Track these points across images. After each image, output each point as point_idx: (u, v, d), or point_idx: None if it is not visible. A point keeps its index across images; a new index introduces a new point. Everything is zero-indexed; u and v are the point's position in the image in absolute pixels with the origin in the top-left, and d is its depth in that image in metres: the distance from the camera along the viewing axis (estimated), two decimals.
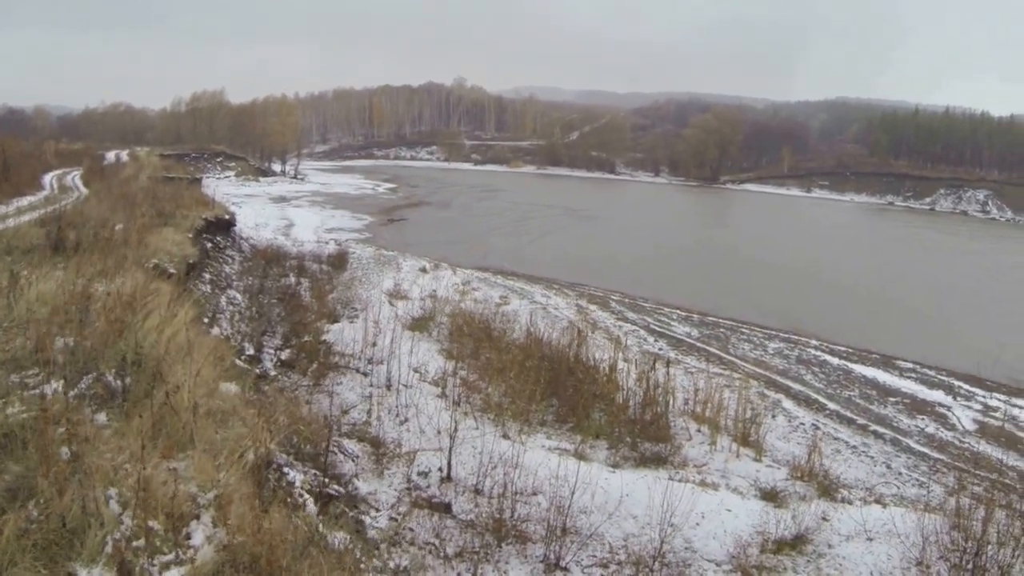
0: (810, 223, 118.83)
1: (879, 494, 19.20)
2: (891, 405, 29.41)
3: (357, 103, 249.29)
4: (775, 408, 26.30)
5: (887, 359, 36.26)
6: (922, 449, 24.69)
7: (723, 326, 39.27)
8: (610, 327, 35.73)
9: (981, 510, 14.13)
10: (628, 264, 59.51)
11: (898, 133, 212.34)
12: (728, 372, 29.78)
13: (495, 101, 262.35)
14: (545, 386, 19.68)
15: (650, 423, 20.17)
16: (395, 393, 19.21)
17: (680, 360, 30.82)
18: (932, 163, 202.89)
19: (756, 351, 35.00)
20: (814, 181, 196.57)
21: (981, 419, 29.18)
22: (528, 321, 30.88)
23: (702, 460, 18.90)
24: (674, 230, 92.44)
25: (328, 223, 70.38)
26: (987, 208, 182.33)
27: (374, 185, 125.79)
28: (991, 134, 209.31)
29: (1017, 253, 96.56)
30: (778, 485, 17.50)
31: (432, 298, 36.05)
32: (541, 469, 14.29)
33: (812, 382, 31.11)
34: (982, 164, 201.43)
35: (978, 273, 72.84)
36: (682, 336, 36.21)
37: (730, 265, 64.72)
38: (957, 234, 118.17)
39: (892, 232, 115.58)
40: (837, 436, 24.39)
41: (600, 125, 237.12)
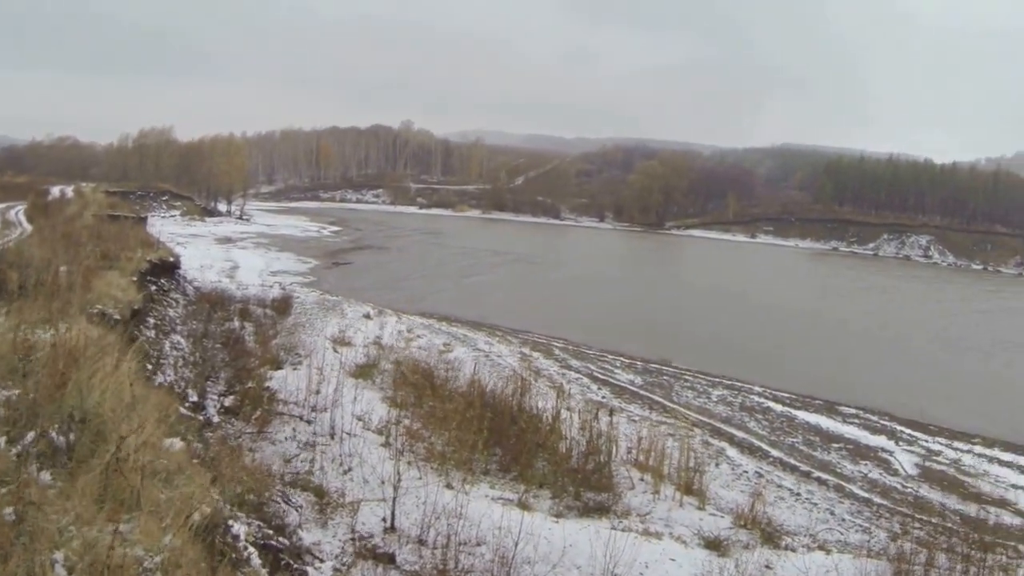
0: (753, 268, 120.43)
1: (823, 540, 19.31)
2: (834, 451, 29.71)
3: (304, 144, 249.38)
4: (719, 456, 26.48)
5: (830, 405, 36.72)
6: (865, 495, 24.94)
7: (667, 373, 39.45)
8: (553, 375, 35.90)
9: (923, 554, 14.34)
10: (571, 310, 59.83)
11: (843, 180, 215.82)
12: (672, 420, 29.95)
13: (442, 145, 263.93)
14: (488, 435, 19.64)
15: (593, 472, 20.19)
16: (339, 442, 19.16)
17: (623, 408, 30.96)
18: (876, 209, 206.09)
19: (700, 398, 35.22)
20: (759, 227, 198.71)
21: (923, 463, 29.62)
22: (471, 369, 30.88)
23: (645, 509, 18.89)
24: (618, 276, 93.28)
25: (273, 266, 70.12)
26: (929, 253, 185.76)
27: (319, 227, 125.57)
28: (934, 181, 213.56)
29: (945, 296, 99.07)
30: (722, 533, 17.51)
31: (376, 345, 36.02)
32: (485, 519, 14.22)
33: (756, 429, 31.33)
34: (925, 210, 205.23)
35: (917, 317, 74.29)
36: (625, 384, 36.35)
37: (673, 311, 65.20)
38: (897, 278, 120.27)
39: (833, 277, 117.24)
40: (781, 483, 24.58)
41: (546, 170, 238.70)
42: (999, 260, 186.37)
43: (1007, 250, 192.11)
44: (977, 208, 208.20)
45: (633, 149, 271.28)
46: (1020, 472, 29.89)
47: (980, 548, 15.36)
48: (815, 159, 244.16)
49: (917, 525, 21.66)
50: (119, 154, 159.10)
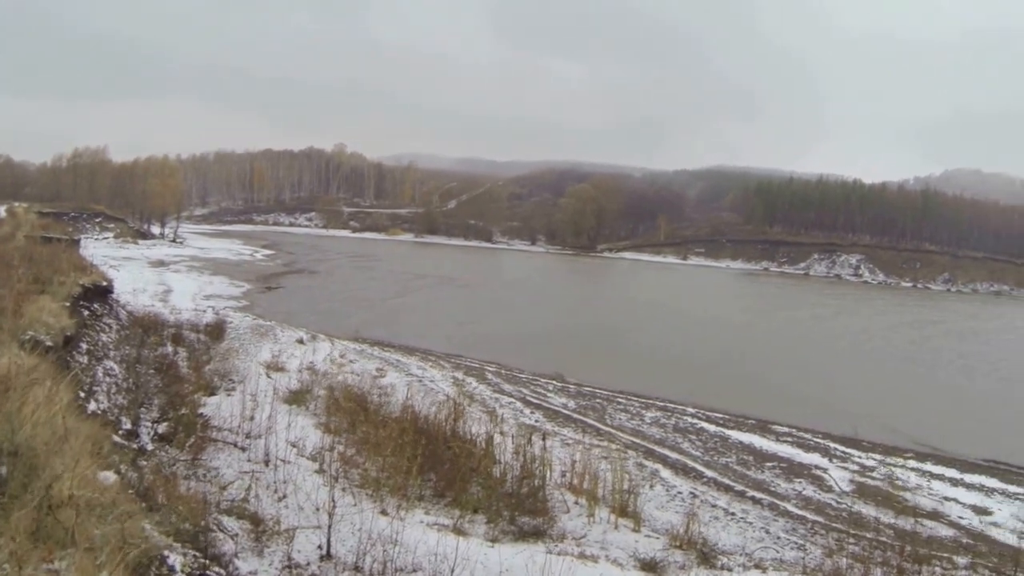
0: (685, 290, 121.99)
1: (758, 559, 19.41)
2: (768, 470, 29.90)
3: (238, 167, 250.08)
4: (653, 478, 26.51)
5: (763, 424, 37.05)
6: (800, 512, 25.09)
7: (600, 396, 39.52)
8: (487, 399, 35.79)
9: (859, 569, 14.54)
10: (504, 334, 60.04)
11: (773, 200, 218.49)
12: (605, 443, 29.92)
13: (375, 168, 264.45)
14: (422, 461, 19.63)
15: (527, 496, 20.20)
16: (273, 469, 19.05)
17: (557, 432, 30.91)
18: (806, 229, 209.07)
19: (633, 421, 35.30)
20: (691, 249, 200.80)
21: (858, 479, 29.87)
22: (404, 394, 30.81)
23: (580, 532, 18.95)
24: (550, 299, 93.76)
25: (206, 289, 69.68)
26: (860, 272, 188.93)
27: (253, 251, 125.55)
28: (863, 201, 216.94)
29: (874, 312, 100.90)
30: (657, 555, 17.65)
31: (310, 370, 35.79)
32: (421, 545, 14.26)
33: (689, 450, 31.43)
34: (855, 229, 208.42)
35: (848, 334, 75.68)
36: (559, 407, 36.34)
37: (605, 333, 65.48)
38: (827, 296, 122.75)
39: (761, 296, 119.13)
40: (715, 503, 24.64)
41: (478, 193, 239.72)
42: (928, 277, 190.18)
43: (936, 267, 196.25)
44: (906, 227, 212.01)
45: (565, 172, 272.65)
46: (953, 484, 30.43)
47: (915, 561, 15.64)
48: (745, 181, 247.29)
49: (852, 540, 21.86)
50: (53, 174, 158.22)
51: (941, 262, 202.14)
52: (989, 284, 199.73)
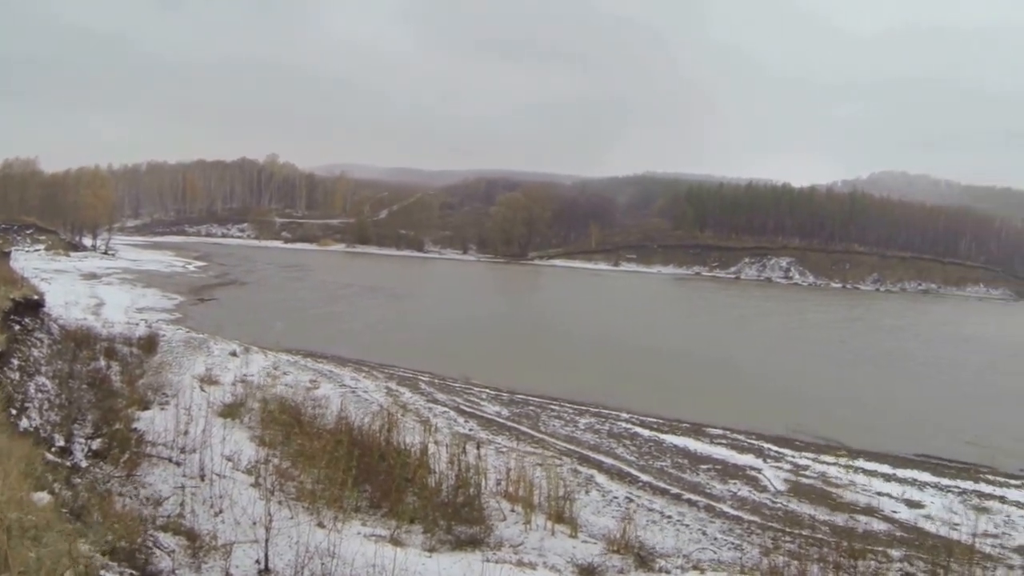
0: (615, 295, 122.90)
1: (696, 560, 19.60)
2: (703, 472, 30.23)
3: (170, 177, 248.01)
4: (588, 483, 26.64)
5: (697, 427, 37.48)
6: (736, 513, 25.38)
7: (533, 403, 39.70)
8: (420, 409, 35.81)
9: (795, 566, 14.78)
10: (437, 343, 60.12)
11: (703, 206, 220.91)
12: (540, 450, 29.92)
13: (306, 178, 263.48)
14: (357, 472, 19.63)
15: (463, 505, 20.23)
16: (209, 483, 18.90)
17: (491, 440, 31.04)
18: (737, 233, 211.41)
19: (567, 427, 35.47)
20: (622, 255, 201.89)
21: (792, 478, 30.34)
22: (338, 405, 30.80)
23: (518, 540, 19.00)
24: (482, 307, 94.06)
25: (139, 302, 69.02)
26: (790, 274, 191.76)
27: (185, 263, 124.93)
28: (792, 205, 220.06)
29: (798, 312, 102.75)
30: (595, 560, 17.77)
31: (243, 383, 35.53)
32: (358, 557, 14.24)
33: (624, 455, 31.64)
34: (784, 233, 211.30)
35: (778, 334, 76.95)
36: (492, 416, 36.45)
37: (536, 340, 65.93)
38: (757, 299, 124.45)
39: (690, 300, 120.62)
40: (651, 507, 24.83)
41: (410, 203, 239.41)
42: (857, 278, 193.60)
43: (865, 268, 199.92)
44: (835, 229, 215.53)
45: (496, 181, 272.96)
46: (884, 480, 31.09)
47: (851, 556, 15.89)
48: (676, 187, 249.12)
49: (788, 539, 22.20)
50: None
51: (870, 263, 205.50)
52: (917, 283, 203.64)
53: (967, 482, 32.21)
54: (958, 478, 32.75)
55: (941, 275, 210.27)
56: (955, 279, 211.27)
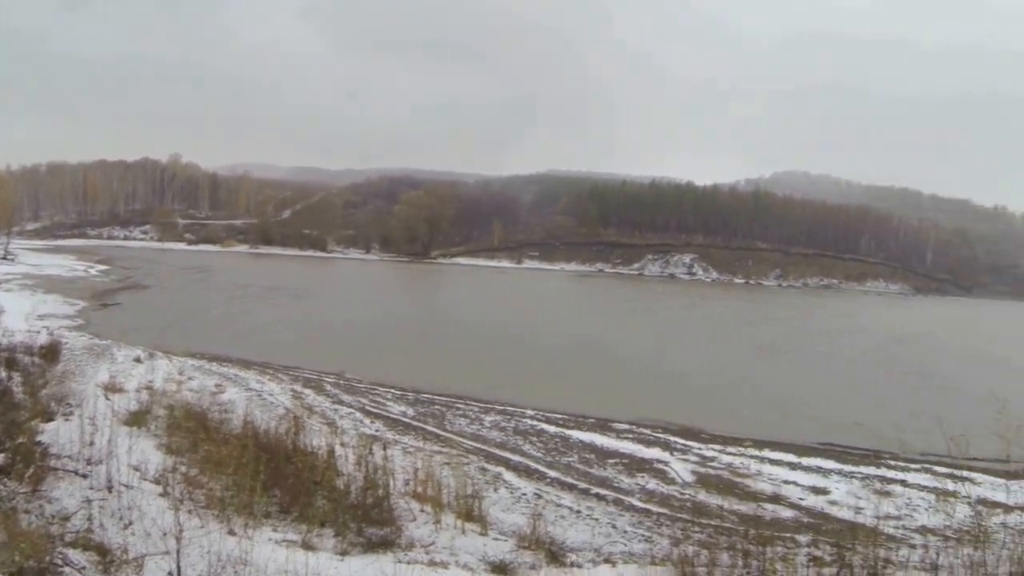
0: (515, 292, 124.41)
1: (607, 554, 19.86)
2: (611, 467, 30.59)
3: (71, 179, 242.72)
4: (496, 481, 26.87)
5: (603, 422, 37.88)
6: (645, 505, 25.79)
7: (438, 402, 39.86)
8: (326, 411, 35.86)
9: (705, 555, 15.13)
10: (340, 343, 60.11)
11: (607, 204, 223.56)
12: (447, 449, 30.21)
13: (210, 178, 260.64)
14: (265, 477, 19.61)
15: (373, 507, 20.31)
16: (117, 495, 18.73)
17: (398, 440, 31.12)
18: (640, 231, 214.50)
19: (473, 425, 35.69)
20: (525, 252, 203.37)
21: (699, 470, 30.91)
22: (244, 409, 30.71)
23: (429, 539, 19.16)
24: (383, 306, 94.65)
25: (40, 309, 67.35)
26: (693, 270, 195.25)
27: (87, 267, 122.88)
28: (696, 202, 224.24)
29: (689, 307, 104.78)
30: (506, 557, 17.99)
31: (148, 389, 35.02)
32: (271, 564, 14.30)
33: (531, 452, 31.92)
34: (688, 230, 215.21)
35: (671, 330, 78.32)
36: (398, 416, 36.56)
37: (437, 339, 66.22)
38: (654, 293, 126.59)
39: (590, 296, 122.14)
40: (560, 502, 25.11)
41: (313, 203, 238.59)
42: (760, 274, 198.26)
43: (767, 264, 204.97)
44: (738, 226, 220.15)
45: (399, 180, 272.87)
46: (790, 468, 31.90)
47: (759, 543, 16.23)
48: (579, 185, 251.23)
49: (697, 529, 22.61)
50: None
51: (773, 259, 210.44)
52: (819, 279, 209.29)
53: (870, 468, 33.17)
54: (861, 464, 33.70)
55: (842, 271, 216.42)
56: (856, 275, 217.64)
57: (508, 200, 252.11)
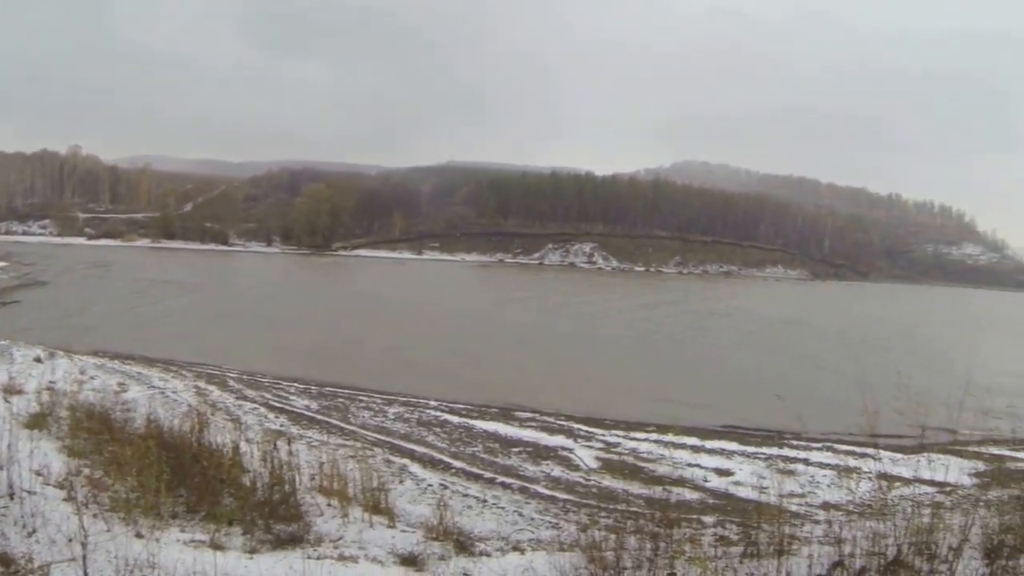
0: (413, 283, 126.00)
1: (516, 541, 20.08)
2: (515, 455, 31.03)
3: None
4: (402, 472, 27.02)
5: (506, 411, 38.40)
6: (551, 493, 26.21)
7: (341, 395, 40.18)
8: (230, 407, 35.69)
9: (613, 539, 15.42)
10: (243, 337, 60.05)
11: (507, 194, 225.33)
12: (352, 442, 30.25)
13: (110, 171, 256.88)
14: (171, 477, 19.49)
15: (280, 503, 20.36)
16: (19, 502, 18.42)
17: (303, 435, 31.15)
18: (541, 220, 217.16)
19: (377, 418, 35.94)
20: (426, 243, 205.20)
21: (603, 456, 31.52)
22: (148, 408, 30.43)
23: (337, 534, 19.21)
24: (285, 298, 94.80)
25: None
26: (593, 259, 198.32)
27: None
28: (596, 191, 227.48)
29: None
30: (415, 549, 17.98)
31: (49, 390, 34.30)
32: (180, 566, 14.22)
33: (435, 443, 32.19)
34: (588, 219, 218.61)
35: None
36: (302, 410, 36.72)
37: (340, 329, 66.40)
38: (554, 281, 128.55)
39: (490, 286, 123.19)
40: (467, 492, 25.34)
41: (214, 196, 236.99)
42: (660, 261, 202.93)
43: (667, 252, 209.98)
44: (638, 215, 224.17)
45: (300, 172, 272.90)
46: (693, 451, 32.70)
47: (666, 525, 16.55)
48: (480, 176, 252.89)
49: (604, 514, 23.01)
50: None
51: (672, 247, 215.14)
52: (719, 265, 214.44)
53: (772, 448, 34.08)
54: (763, 445, 34.62)
55: (741, 258, 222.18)
56: (755, 261, 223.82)
57: (409, 192, 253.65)
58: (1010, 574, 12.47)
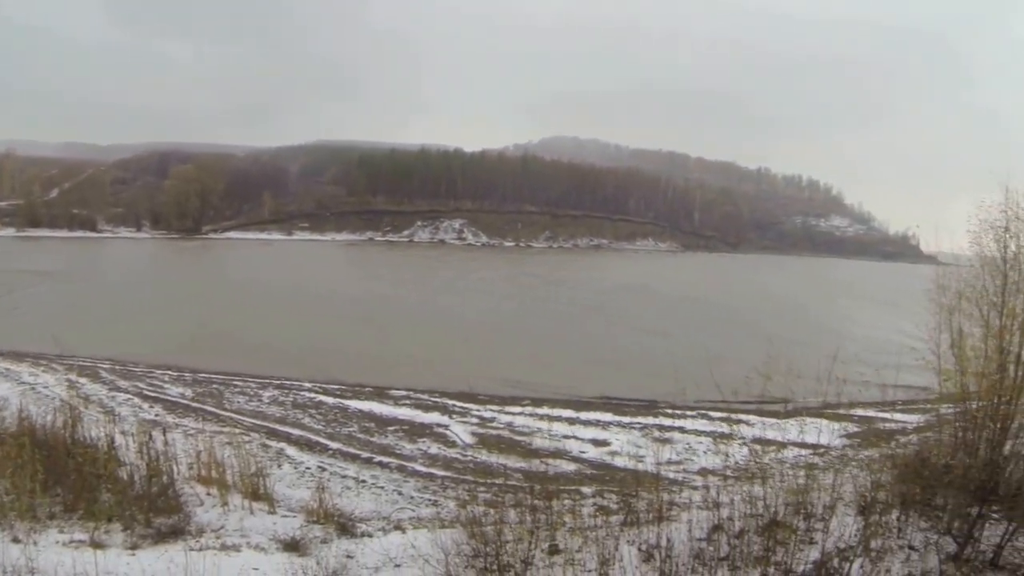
0: (281, 264, 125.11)
1: (397, 520, 20.22)
2: (392, 434, 31.24)
3: None
4: (279, 457, 27.10)
5: (380, 390, 38.50)
6: (428, 470, 26.58)
7: (216, 382, 39.79)
8: (104, 399, 35.05)
9: (493, 514, 15.56)
10: (113, 326, 58.69)
11: (376, 172, 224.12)
12: (228, 428, 29.92)
13: None
14: (45, 476, 19.14)
15: (159, 495, 20.07)
16: None
17: (178, 424, 30.91)
18: (410, 198, 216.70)
19: (252, 402, 35.76)
20: (295, 223, 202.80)
21: (479, 431, 31.92)
22: (19, 405, 29.61)
23: (218, 523, 19.18)
24: (153, 286, 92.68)
25: None
26: (463, 235, 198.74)
27: None
28: (465, 167, 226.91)
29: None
30: (297, 533, 18.08)
31: None
32: (59, 568, 13.86)
33: (312, 425, 32.22)
34: (458, 196, 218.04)
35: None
36: (177, 398, 36.26)
37: (211, 315, 65.58)
38: (424, 258, 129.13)
39: (356, 264, 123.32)
40: (345, 473, 25.58)
41: (81, 180, 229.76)
42: (530, 236, 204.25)
43: (537, 227, 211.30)
44: (507, 191, 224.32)
45: (169, 154, 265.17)
46: (569, 423, 33.27)
47: (546, 498, 16.78)
48: (349, 154, 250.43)
49: (483, 489, 23.45)
50: None
51: (542, 222, 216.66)
52: (589, 239, 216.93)
53: (648, 417, 34.83)
54: (639, 415, 35.27)
55: (612, 231, 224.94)
56: (625, 235, 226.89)
57: (278, 171, 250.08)
58: (883, 528, 13.01)
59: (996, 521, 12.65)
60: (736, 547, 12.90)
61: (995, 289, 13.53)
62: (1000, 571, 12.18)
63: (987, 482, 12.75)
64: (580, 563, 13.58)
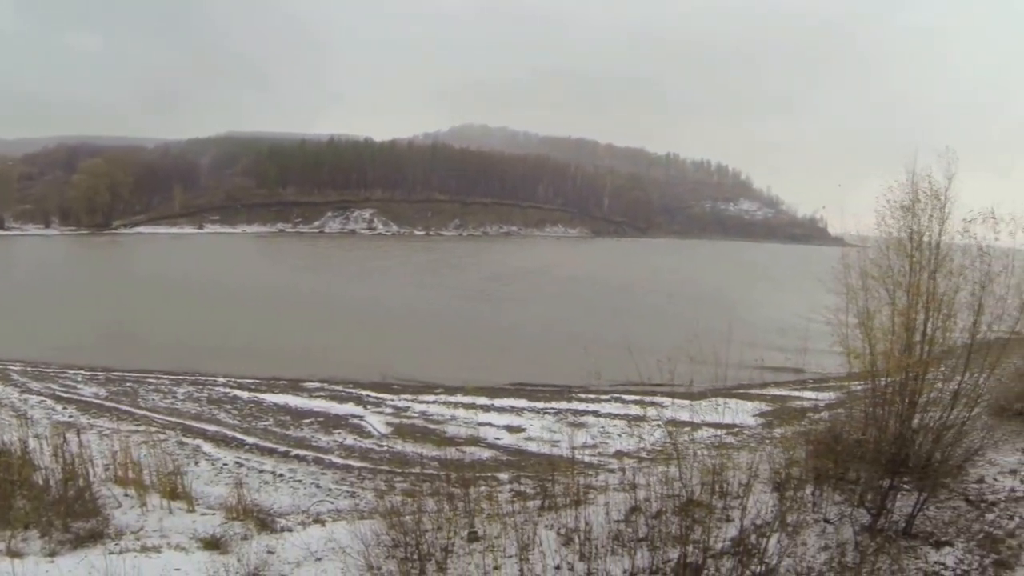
0: (189, 259, 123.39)
1: (316, 514, 20.36)
2: (307, 427, 31.23)
3: None
4: (196, 454, 26.91)
5: (295, 383, 38.42)
6: (345, 462, 26.68)
7: (130, 380, 39.27)
8: (15, 402, 34.33)
9: (412, 503, 15.63)
10: (23, 327, 57.61)
11: (286, 163, 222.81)
12: (143, 427, 29.72)
13: None
14: None
15: (76, 499, 19.78)
16: None
17: (93, 424, 30.38)
18: (320, 189, 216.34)
19: (167, 400, 35.45)
20: (206, 217, 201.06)
21: (394, 421, 32.10)
22: None
23: (137, 525, 19.04)
24: (62, 283, 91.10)
25: None
26: (374, 225, 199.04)
27: None
28: (375, 157, 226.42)
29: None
30: (217, 531, 18.05)
31: None
32: None
33: (227, 420, 32.10)
34: (368, 185, 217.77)
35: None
36: (91, 398, 35.76)
37: (121, 313, 64.71)
38: (330, 249, 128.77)
39: (263, 257, 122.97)
40: (262, 468, 25.53)
41: None
42: (440, 224, 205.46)
43: (447, 215, 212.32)
44: (417, 179, 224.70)
45: (78, 148, 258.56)
46: (483, 411, 33.66)
47: (463, 485, 16.93)
48: (259, 146, 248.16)
49: (400, 479, 23.58)
50: None
51: (452, 210, 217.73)
52: (499, 226, 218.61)
53: (562, 402, 35.19)
54: (553, 400, 35.59)
55: (522, 218, 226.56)
56: (535, 221, 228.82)
57: (188, 164, 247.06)
58: (798, 503, 13.36)
59: (907, 492, 13.09)
60: (654, 527, 13.16)
61: (901, 268, 13.82)
62: (913, 539, 12.61)
63: (897, 455, 13.17)
64: (500, 549, 13.75)
